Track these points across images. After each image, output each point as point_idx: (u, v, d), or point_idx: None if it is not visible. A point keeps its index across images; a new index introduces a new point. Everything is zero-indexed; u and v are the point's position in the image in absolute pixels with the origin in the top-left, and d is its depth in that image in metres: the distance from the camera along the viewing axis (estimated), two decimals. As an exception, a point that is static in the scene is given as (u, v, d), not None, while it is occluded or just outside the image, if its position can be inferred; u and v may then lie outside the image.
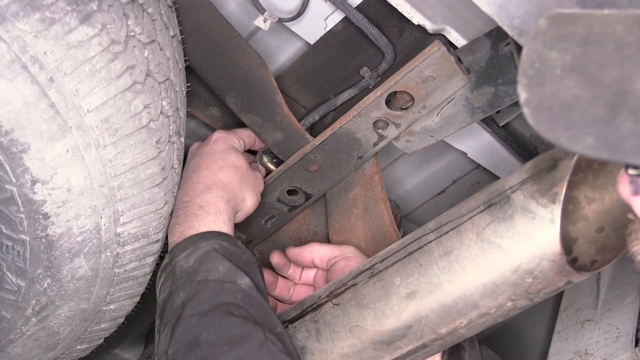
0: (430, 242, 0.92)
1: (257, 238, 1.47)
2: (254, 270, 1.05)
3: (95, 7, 0.80)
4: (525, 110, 0.57)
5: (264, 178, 1.35)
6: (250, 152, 1.43)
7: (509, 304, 0.87)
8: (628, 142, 0.53)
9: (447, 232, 0.90)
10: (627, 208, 0.79)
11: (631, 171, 0.59)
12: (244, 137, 1.31)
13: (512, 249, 0.84)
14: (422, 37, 1.22)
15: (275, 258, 1.29)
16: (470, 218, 0.88)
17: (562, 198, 0.79)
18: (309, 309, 1.05)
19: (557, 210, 0.80)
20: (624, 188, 0.62)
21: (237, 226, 1.40)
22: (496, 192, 0.87)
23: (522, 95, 0.58)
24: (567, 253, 0.81)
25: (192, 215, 1.09)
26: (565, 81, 0.56)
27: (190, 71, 1.19)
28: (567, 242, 0.83)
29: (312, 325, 1.03)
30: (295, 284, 1.32)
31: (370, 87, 1.31)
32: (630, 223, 0.73)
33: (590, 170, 0.88)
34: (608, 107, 0.54)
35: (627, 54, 0.54)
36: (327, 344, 1.00)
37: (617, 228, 0.87)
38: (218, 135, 1.27)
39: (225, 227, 1.10)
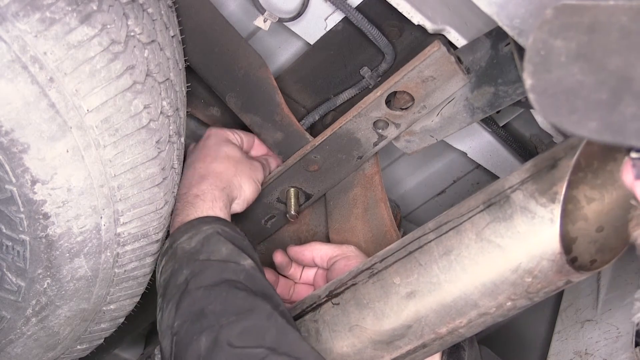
0: (430, 241, 0.92)
1: (257, 238, 1.47)
2: (254, 255, 1.05)
3: (95, 7, 0.80)
4: (531, 96, 0.59)
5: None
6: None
7: (509, 303, 0.87)
8: (630, 126, 0.54)
9: (446, 232, 0.90)
10: (628, 204, 0.79)
11: (634, 154, 0.61)
12: (242, 135, 1.32)
13: (511, 248, 0.84)
14: (422, 37, 1.22)
15: (279, 257, 1.29)
16: (470, 218, 0.88)
17: (561, 197, 0.79)
18: (309, 308, 1.05)
19: (556, 209, 0.80)
20: (627, 174, 0.63)
21: (237, 226, 1.41)
22: (496, 192, 0.87)
23: (528, 82, 0.59)
24: (566, 252, 0.81)
25: (189, 204, 1.10)
26: (570, 68, 0.58)
27: (190, 71, 1.19)
28: (567, 241, 0.83)
29: (311, 324, 1.03)
30: (296, 283, 1.32)
31: (370, 87, 1.31)
32: (632, 209, 0.74)
33: (589, 170, 0.88)
34: (611, 92, 0.55)
35: (631, 41, 0.56)
36: (327, 343, 1.00)
37: (617, 228, 0.87)
38: (211, 131, 1.30)
39: (222, 214, 1.12)
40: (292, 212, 1.34)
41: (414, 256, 0.93)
